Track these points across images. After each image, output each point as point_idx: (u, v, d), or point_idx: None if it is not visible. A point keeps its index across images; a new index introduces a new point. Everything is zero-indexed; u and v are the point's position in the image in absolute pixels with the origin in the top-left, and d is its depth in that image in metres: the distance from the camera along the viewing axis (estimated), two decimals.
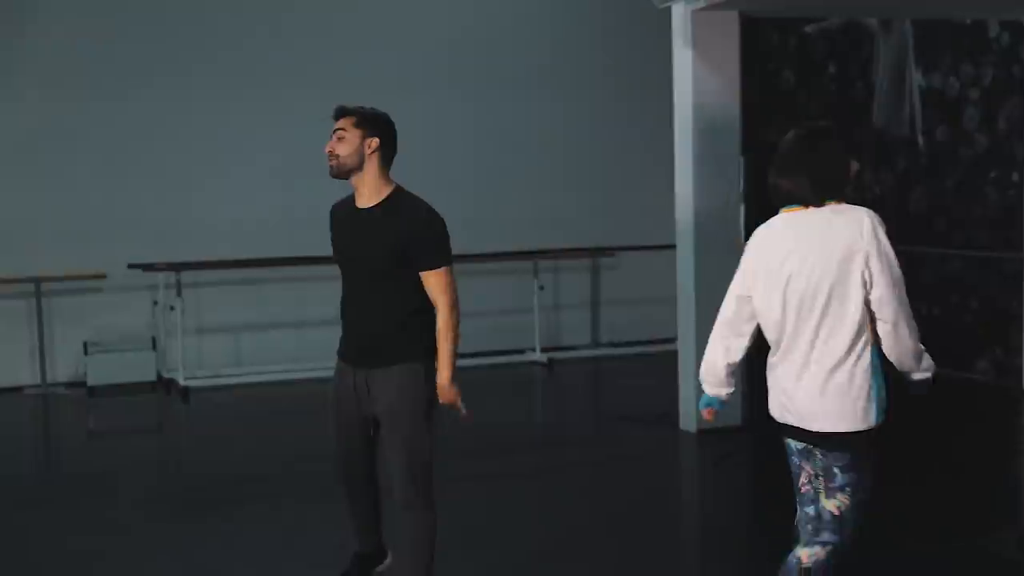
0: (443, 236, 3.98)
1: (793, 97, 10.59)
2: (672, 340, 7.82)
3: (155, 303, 9.09)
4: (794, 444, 3.55)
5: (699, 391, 6.94)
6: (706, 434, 7.09)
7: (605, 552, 5.09)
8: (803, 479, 3.57)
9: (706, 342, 7.16)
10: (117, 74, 9.07)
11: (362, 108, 4.01)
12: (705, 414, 3.79)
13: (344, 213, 4.11)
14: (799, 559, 3.51)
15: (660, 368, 7.51)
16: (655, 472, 6.57)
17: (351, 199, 4.09)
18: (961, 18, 8.55)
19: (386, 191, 3.99)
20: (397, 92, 9.55)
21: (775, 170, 3.57)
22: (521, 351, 9.93)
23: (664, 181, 7.46)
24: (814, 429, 3.43)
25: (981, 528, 5.30)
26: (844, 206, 3.42)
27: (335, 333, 4.21)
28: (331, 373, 4.20)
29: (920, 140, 9.13)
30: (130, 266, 8.76)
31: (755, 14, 8.67)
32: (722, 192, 7.24)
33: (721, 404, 3.76)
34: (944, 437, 7.19)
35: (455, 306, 3.97)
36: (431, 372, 4.00)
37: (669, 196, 7.53)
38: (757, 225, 3.74)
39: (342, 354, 4.14)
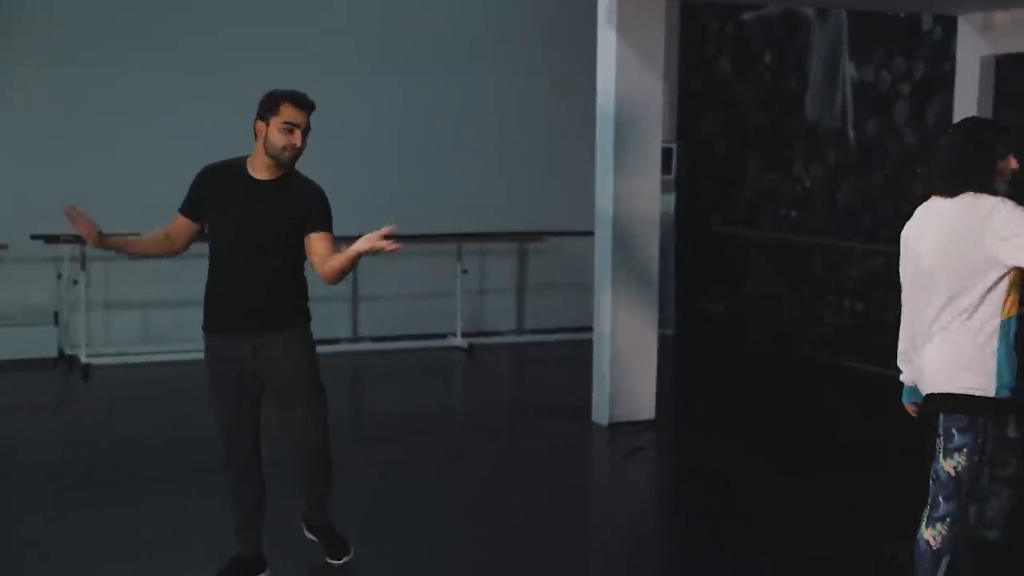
0: (329, 208, 4.21)
1: (729, 86, 10.44)
2: None
3: (59, 276, 8.74)
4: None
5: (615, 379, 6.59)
6: (617, 427, 6.95)
7: (499, 542, 4.99)
8: None
9: (623, 332, 7.12)
10: (27, 38, 8.68)
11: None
12: (909, 408, 4.06)
13: (232, 182, 4.11)
14: (927, 542, 3.77)
15: (585, 356, 7.34)
16: (561, 464, 6.40)
17: (235, 167, 4.13)
18: (895, 11, 8.43)
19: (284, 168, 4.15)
20: (320, 69, 9.35)
21: None
22: (442, 336, 9.72)
23: (595, 165, 7.28)
24: (931, 391, 3.76)
25: (893, 536, 5.18)
26: (971, 195, 3.64)
27: None
28: None
29: (851, 133, 9.01)
30: (32, 237, 8.39)
31: None
32: (643, 180, 7.05)
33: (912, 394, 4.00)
34: (859, 434, 7.10)
35: None
36: (311, 335, 4.27)
37: None
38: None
39: (219, 328, 4.13)
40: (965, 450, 3.68)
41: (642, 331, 7.10)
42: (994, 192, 3.65)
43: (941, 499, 3.75)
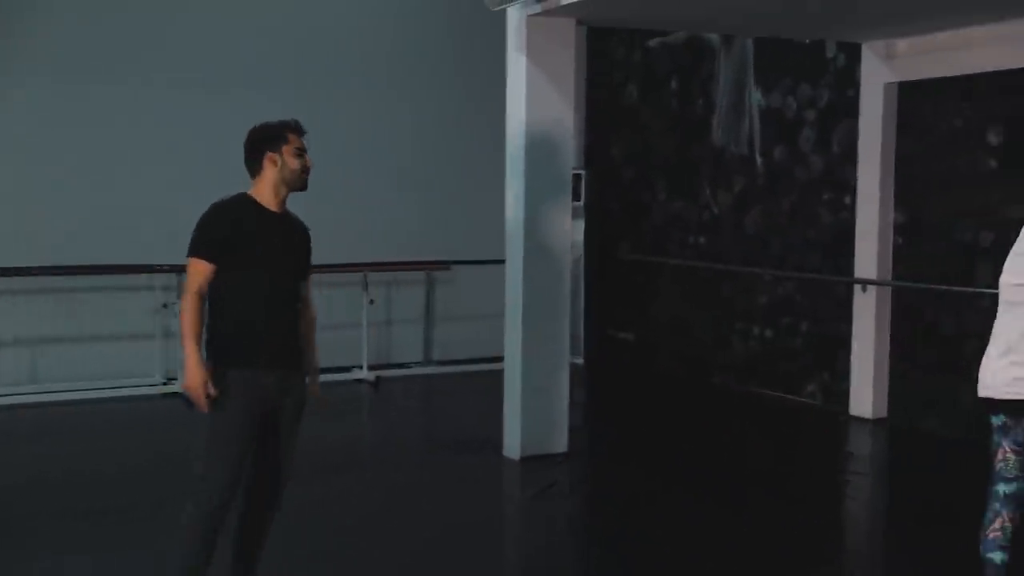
0: None
1: (637, 112, 10.42)
2: None
3: None
4: (993, 419, 4.09)
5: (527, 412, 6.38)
6: (530, 460, 6.77)
7: None
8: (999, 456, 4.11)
9: (534, 363, 7.00)
10: None
11: None
12: None
13: (254, 217, 4.10)
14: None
15: (495, 388, 7.17)
16: (473, 500, 6.18)
17: (248, 202, 4.11)
18: (800, 38, 8.48)
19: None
20: (219, 92, 9.12)
21: None
22: (348, 369, 9.43)
23: (503, 193, 7.15)
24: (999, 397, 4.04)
25: (802, 564, 5.09)
26: None
27: (146, 348, 3.92)
28: (144, 391, 3.99)
29: (758, 160, 9.04)
30: None
31: (594, 23, 8.44)
32: (554, 207, 6.91)
33: None
34: (770, 461, 7.05)
35: None
36: None
37: None
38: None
39: (255, 363, 4.04)
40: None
41: (554, 361, 6.94)
42: None
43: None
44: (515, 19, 6.88)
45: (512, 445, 6.90)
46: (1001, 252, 7.07)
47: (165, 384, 8.57)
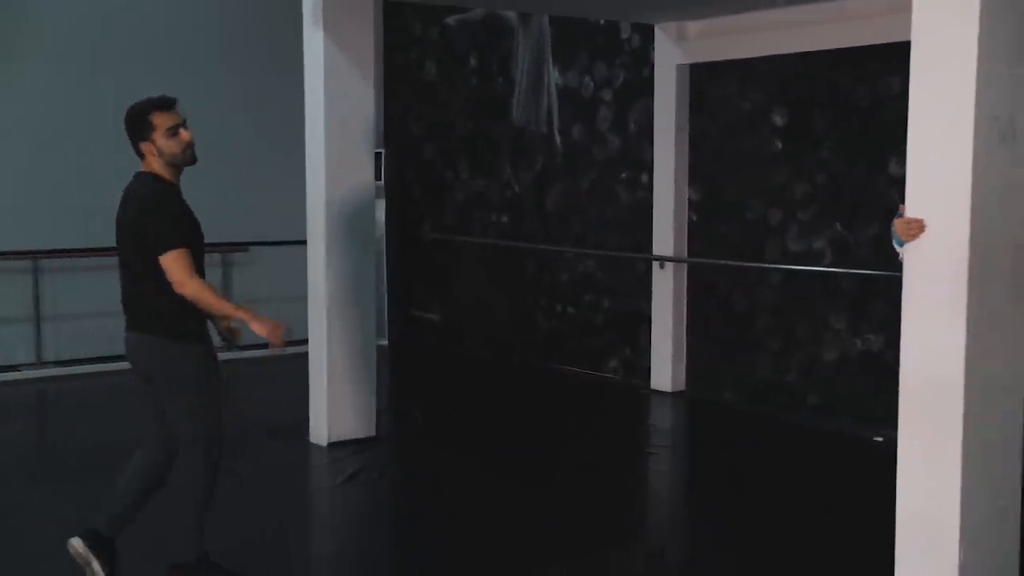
0: None
1: (435, 90, 10.35)
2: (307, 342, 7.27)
3: None
4: None
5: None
6: (338, 446, 6.64)
7: None
8: None
9: (339, 346, 6.90)
10: None
11: None
12: None
13: (181, 195, 4.29)
14: None
15: (299, 373, 6.99)
16: (279, 489, 6.01)
17: (168, 184, 4.25)
18: (594, 17, 8.60)
19: None
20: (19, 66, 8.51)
21: None
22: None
23: (303, 172, 6.95)
24: None
25: (609, 539, 5.18)
26: None
27: None
28: None
29: (557, 138, 9.13)
30: None
31: None
32: (356, 185, 6.77)
33: None
34: (575, 437, 7.16)
35: None
36: None
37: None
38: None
39: (204, 332, 4.35)
40: None
41: (360, 344, 6.82)
42: None
43: None
44: None
45: (319, 431, 6.75)
46: (787, 230, 7.44)
47: None
